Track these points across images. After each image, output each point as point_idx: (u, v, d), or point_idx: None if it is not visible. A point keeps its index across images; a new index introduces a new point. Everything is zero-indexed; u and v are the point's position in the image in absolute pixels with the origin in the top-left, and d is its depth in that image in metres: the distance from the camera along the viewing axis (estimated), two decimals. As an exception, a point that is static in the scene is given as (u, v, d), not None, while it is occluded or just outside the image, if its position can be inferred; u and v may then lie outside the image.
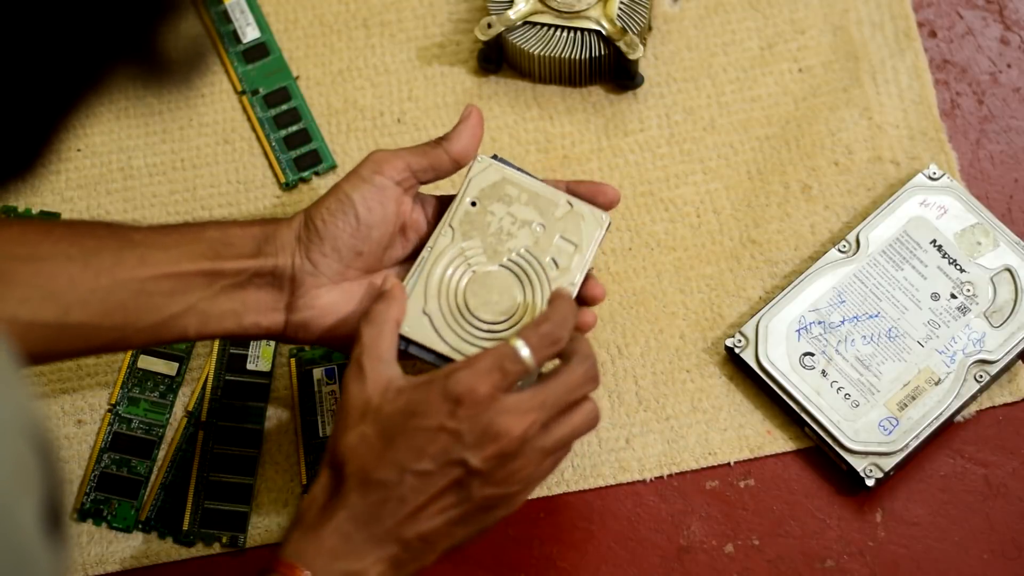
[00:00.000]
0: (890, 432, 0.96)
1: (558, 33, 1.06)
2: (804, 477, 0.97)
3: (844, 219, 1.03)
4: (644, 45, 1.06)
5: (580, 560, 0.96)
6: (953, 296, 0.99)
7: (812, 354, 0.98)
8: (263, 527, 0.97)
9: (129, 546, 0.97)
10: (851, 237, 1.00)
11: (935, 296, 0.99)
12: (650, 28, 1.08)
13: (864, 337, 0.98)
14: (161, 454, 0.99)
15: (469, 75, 1.09)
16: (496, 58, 1.08)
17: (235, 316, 0.91)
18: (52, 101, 0.56)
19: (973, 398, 0.97)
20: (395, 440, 0.84)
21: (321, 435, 0.99)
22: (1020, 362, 0.99)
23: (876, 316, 0.98)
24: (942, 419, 0.96)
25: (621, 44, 1.05)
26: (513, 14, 1.06)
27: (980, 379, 0.97)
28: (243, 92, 1.09)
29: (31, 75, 0.54)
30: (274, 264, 0.90)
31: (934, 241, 1.00)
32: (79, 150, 1.08)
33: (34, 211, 1.05)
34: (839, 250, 1.00)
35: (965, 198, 1.01)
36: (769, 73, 1.08)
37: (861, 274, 0.99)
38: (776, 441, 0.98)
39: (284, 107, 1.08)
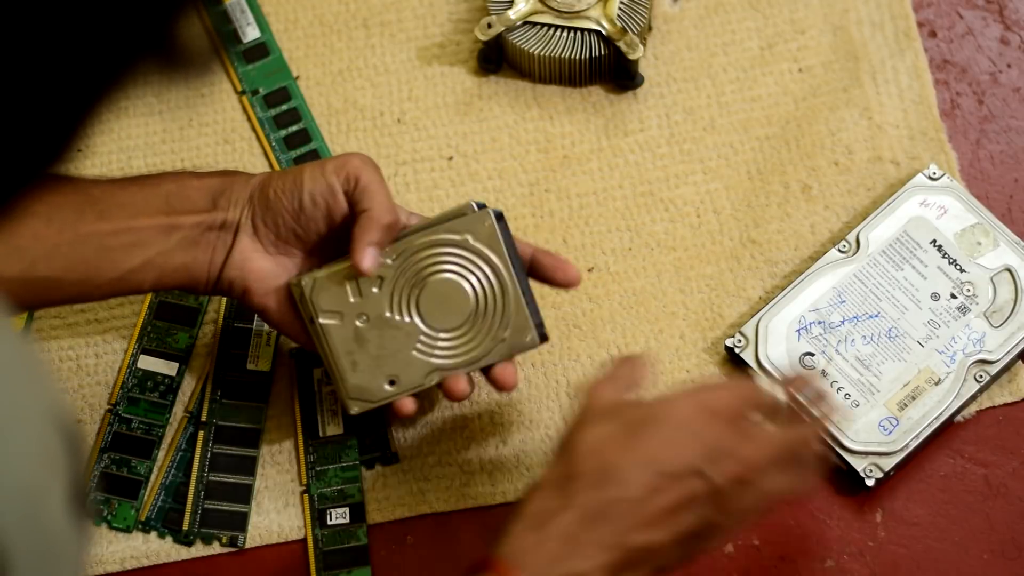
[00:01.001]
0: (890, 432, 0.96)
1: (558, 33, 1.06)
2: (804, 477, 0.97)
3: (844, 219, 1.03)
4: (644, 45, 1.06)
5: (580, 560, 0.96)
6: (953, 296, 0.99)
7: (812, 354, 0.98)
8: (263, 527, 0.97)
9: (129, 546, 0.97)
10: (851, 237, 1.00)
11: (935, 296, 0.99)
12: (650, 28, 1.08)
13: (864, 337, 0.98)
14: (161, 454, 0.99)
15: (469, 75, 1.09)
16: (496, 58, 1.08)
17: (186, 270, 0.91)
18: (74, 99, 0.56)
19: (973, 398, 0.97)
20: (642, 437, 0.82)
21: (321, 435, 0.99)
22: (1020, 362, 0.99)
23: (876, 316, 0.98)
24: (942, 419, 0.96)
25: (621, 44, 1.05)
26: (513, 14, 1.06)
27: (980, 379, 0.97)
28: (243, 92, 1.09)
29: (53, 74, 0.54)
30: (224, 218, 0.91)
31: (934, 241, 1.00)
32: (79, 150, 1.07)
33: (34, 211, 1.05)
34: (839, 250, 1.00)
35: (965, 198, 1.01)
36: (769, 73, 1.07)
37: (861, 274, 0.99)
38: (776, 441, 0.98)
39: (284, 107, 1.08)
